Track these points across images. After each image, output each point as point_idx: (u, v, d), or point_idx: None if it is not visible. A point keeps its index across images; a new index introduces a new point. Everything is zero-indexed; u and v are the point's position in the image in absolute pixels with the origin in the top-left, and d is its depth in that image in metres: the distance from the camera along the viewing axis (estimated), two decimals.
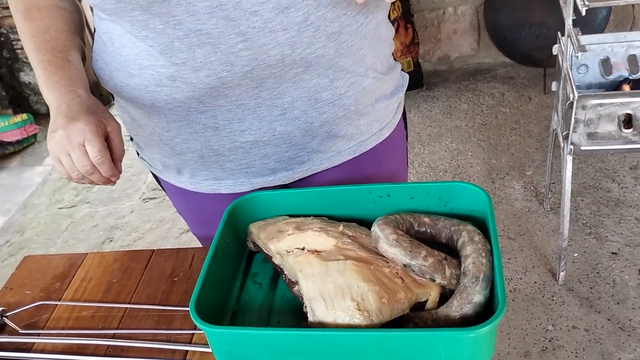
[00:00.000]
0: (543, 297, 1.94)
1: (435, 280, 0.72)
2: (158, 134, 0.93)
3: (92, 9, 0.83)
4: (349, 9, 0.81)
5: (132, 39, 0.80)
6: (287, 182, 0.99)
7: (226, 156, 0.93)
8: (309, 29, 0.79)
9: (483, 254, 0.71)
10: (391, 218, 0.77)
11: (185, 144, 0.92)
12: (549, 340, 1.79)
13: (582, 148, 1.68)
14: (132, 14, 0.75)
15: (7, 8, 3.28)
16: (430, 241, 0.78)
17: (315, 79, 0.85)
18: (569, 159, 1.73)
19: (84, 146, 0.80)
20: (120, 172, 0.84)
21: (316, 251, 0.76)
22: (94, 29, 0.90)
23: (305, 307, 0.72)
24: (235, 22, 0.75)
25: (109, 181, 0.85)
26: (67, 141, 0.80)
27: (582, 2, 1.41)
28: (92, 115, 0.81)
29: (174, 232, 2.55)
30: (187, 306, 0.85)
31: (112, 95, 0.96)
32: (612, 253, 2.05)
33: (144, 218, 2.68)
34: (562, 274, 1.95)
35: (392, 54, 1.00)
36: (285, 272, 0.79)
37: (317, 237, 0.78)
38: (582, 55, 1.53)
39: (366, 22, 0.85)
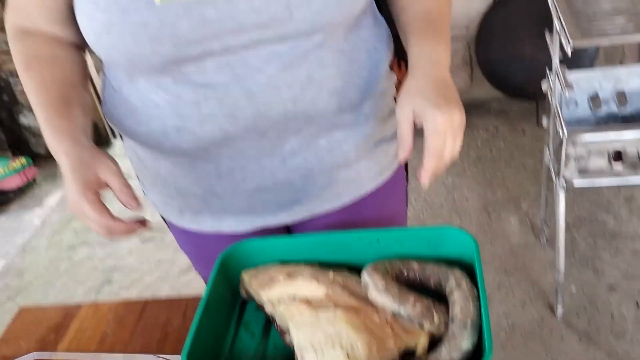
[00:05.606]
0: (542, 332, 1.93)
1: (424, 327, 0.72)
2: (163, 176, 0.95)
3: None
4: (352, 66, 0.84)
5: (140, 90, 0.83)
6: (288, 223, 1.00)
7: (228, 201, 0.95)
8: (312, 86, 0.81)
9: (470, 300, 0.72)
10: (380, 265, 0.79)
11: (188, 188, 0.94)
12: None
13: (575, 184, 1.69)
14: (144, 73, 0.79)
15: (8, 53, 3.34)
16: (419, 287, 0.79)
17: (315, 129, 0.88)
18: (562, 194, 1.74)
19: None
20: (139, 203, 0.79)
21: (307, 300, 0.77)
22: (103, 74, 0.92)
23: (297, 356, 0.72)
24: (241, 78, 0.78)
25: (140, 227, 0.81)
26: (82, 214, 0.78)
27: (567, 43, 1.44)
28: (88, 193, 0.76)
29: (172, 273, 2.55)
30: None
31: (115, 134, 0.97)
32: (610, 286, 2.05)
33: (142, 259, 2.68)
34: (559, 308, 1.95)
35: (394, 97, 1.01)
36: (276, 321, 0.80)
37: (308, 285, 0.79)
38: (569, 92, 1.56)
39: (370, 78, 0.87)
